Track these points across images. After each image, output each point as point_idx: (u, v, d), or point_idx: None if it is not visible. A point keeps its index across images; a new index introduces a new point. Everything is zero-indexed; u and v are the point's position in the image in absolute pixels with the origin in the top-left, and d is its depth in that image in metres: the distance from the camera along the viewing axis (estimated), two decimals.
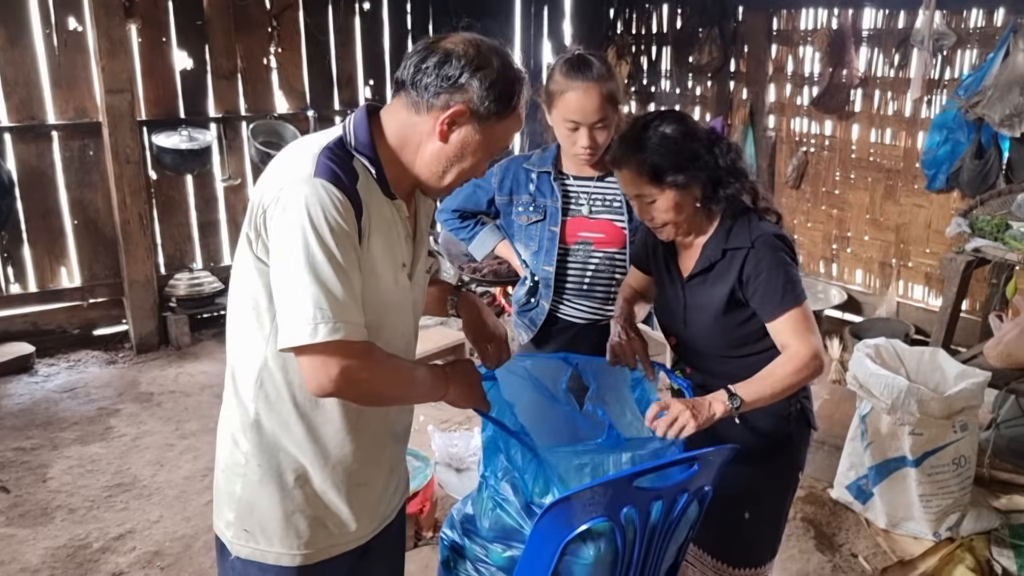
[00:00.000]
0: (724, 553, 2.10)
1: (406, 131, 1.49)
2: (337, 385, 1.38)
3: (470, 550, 1.82)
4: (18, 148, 4.85)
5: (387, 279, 1.50)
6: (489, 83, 1.44)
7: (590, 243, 2.43)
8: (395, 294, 1.54)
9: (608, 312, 2.47)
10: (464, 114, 1.45)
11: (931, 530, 3.08)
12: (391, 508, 1.76)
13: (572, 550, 1.64)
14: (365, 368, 1.40)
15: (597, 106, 2.25)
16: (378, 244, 1.47)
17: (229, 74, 5.42)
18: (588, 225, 2.44)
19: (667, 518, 1.70)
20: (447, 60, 1.44)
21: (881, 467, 3.15)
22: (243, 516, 1.58)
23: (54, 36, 4.81)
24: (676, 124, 1.87)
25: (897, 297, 5.16)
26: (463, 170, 1.52)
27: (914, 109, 4.93)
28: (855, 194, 5.36)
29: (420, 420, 4.15)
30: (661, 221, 1.91)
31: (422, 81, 1.44)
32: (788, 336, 1.86)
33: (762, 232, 1.90)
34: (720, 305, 1.93)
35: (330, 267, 1.34)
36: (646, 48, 6.61)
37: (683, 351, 2.10)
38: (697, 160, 1.86)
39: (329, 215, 1.35)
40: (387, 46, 6.04)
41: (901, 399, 2.98)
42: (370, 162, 1.47)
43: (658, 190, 1.86)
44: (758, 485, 2.03)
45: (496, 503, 1.75)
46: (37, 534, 3.18)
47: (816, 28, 5.35)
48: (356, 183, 1.42)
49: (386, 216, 1.49)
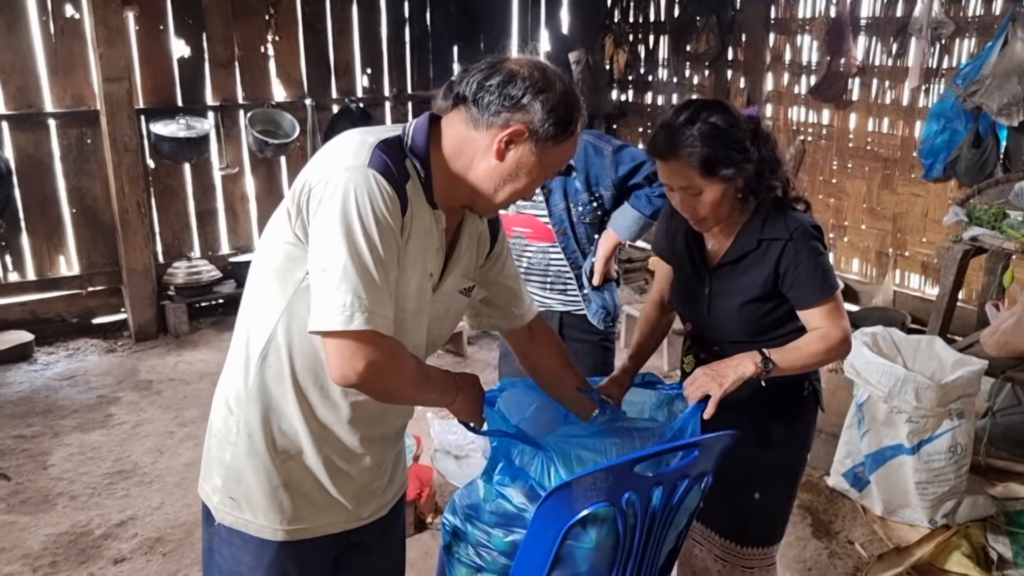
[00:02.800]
0: (733, 533, 2.12)
1: (463, 145, 1.50)
2: (362, 377, 1.39)
3: (472, 535, 1.83)
4: (15, 136, 4.84)
5: (412, 284, 1.51)
6: (551, 107, 1.45)
7: (523, 238, 2.50)
8: (414, 300, 1.54)
9: (546, 299, 2.57)
10: (523, 134, 1.46)
11: (927, 517, 3.11)
12: (382, 503, 1.75)
13: (574, 535, 1.65)
14: (392, 365, 1.42)
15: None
16: (414, 247, 1.48)
17: (227, 62, 5.41)
18: (516, 220, 2.51)
19: (668, 504, 1.71)
20: (511, 80, 1.45)
21: (877, 455, 3.17)
22: (230, 484, 1.60)
23: (51, 23, 4.79)
24: (723, 114, 1.84)
25: (894, 286, 5.18)
26: (516, 190, 1.52)
27: (912, 98, 4.94)
28: (852, 183, 5.37)
29: (417, 408, 4.17)
30: (703, 214, 1.88)
31: (484, 99, 1.46)
32: (822, 320, 1.90)
33: (799, 223, 1.91)
34: (751, 294, 1.94)
35: (371, 257, 1.35)
36: (643, 37, 6.60)
37: (699, 337, 2.10)
38: (745, 152, 1.84)
39: (377, 206, 1.36)
40: (384, 35, 6.03)
41: (898, 387, 3.00)
42: (422, 166, 1.49)
43: (707, 182, 1.83)
44: (769, 465, 2.06)
45: (499, 494, 1.77)
46: (38, 521, 3.19)
47: (814, 16, 5.35)
48: (406, 182, 1.45)
49: (425, 222, 1.50)
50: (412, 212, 1.46)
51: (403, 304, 1.50)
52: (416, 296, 1.54)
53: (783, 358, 1.83)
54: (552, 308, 2.59)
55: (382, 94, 6.13)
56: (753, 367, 1.79)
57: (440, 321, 1.68)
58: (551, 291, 2.55)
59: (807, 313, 1.91)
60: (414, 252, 1.49)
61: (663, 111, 2.20)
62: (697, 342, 2.11)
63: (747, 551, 2.12)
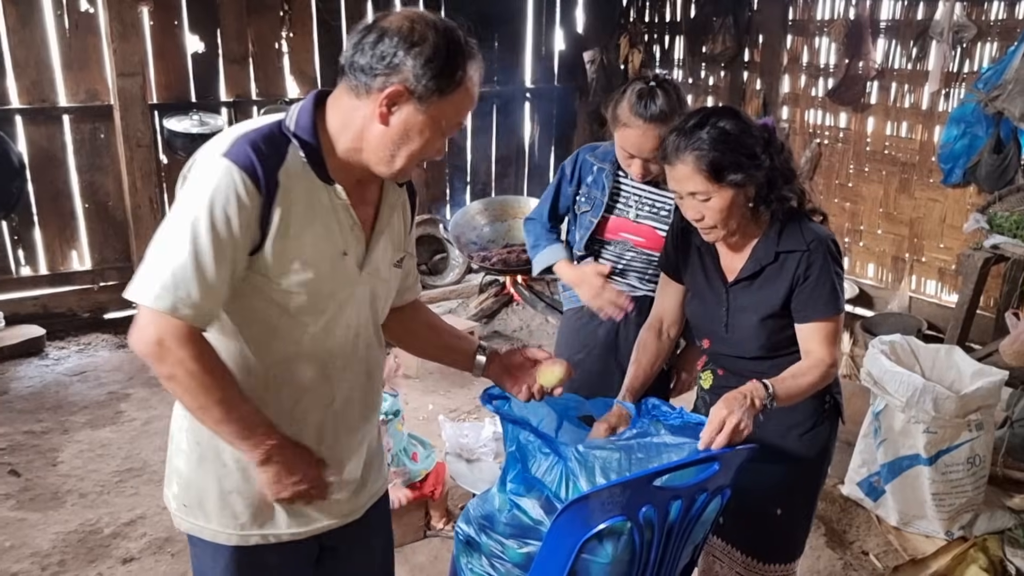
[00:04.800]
0: (755, 549, 2.09)
1: (349, 116, 1.44)
2: (149, 352, 1.37)
3: (485, 546, 1.81)
4: (29, 130, 4.83)
5: (322, 266, 1.47)
6: (425, 60, 1.36)
7: (629, 243, 2.46)
8: (330, 283, 1.49)
9: (637, 289, 2.49)
10: (402, 94, 1.38)
11: (943, 529, 3.07)
12: (352, 508, 1.71)
13: (589, 549, 1.63)
14: (182, 358, 1.36)
15: (653, 146, 2.24)
16: (308, 229, 1.44)
17: (240, 58, 5.39)
18: (631, 227, 2.46)
19: (685, 518, 1.69)
20: (381, 39, 1.37)
21: (894, 464, 3.13)
22: (184, 490, 1.61)
23: (65, 17, 4.78)
24: (734, 120, 1.82)
25: (910, 292, 5.13)
26: (412, 152, 1.45)
27: (931, 102, 4.88)
28: (869, 187, 5.32)
29: (429, 409, 4.15)
30: (712, 221, 1.85)
31: (359, 63, 1.39)
32: (816, 342, 1.86)
33: (816, 235, 1.88)
34: (770, 308, 1.90)
35: (207, 245, 1.34)
36: (659, 37, 6.56)
37: (718, 354, 2.06)
38: (755, 159, 1.81)
39: (221, 197, 1.35)
40: None
41: (916, 397, 2.96)
42: (305, 146, 1.44)
43: (715, 188, 1.80)
44: (791, 481, 2.03)
45: (513, 504, 1.74)
46: (48, 518, 3.18)
47: (833, 18, 5.29)
48: (279, 168, 1.40)
49: (322, 202, 1.46)
50: (292, 198, 1.42)
51: (321, 289, 1.48)
52: (331, 278, 1.49)
53: (785, 388, 1.77)
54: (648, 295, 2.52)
55: None
56: (760, 403, 1.72)
57: (383, 297, 1.66)
58: (650, 281, 2.49)
59: (806, 328, 1.88)
60: (314, 234, 1.45)
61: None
62: (714, 358, 2.08)
63: (769, 568, 2.09)
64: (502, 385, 1.85)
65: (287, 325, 1.49)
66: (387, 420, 2.89)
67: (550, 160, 7.02)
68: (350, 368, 1.60)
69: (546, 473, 1.72)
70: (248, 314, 1.47)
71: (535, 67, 6.70)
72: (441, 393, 4.39)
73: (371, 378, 1.68)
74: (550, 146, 6.98)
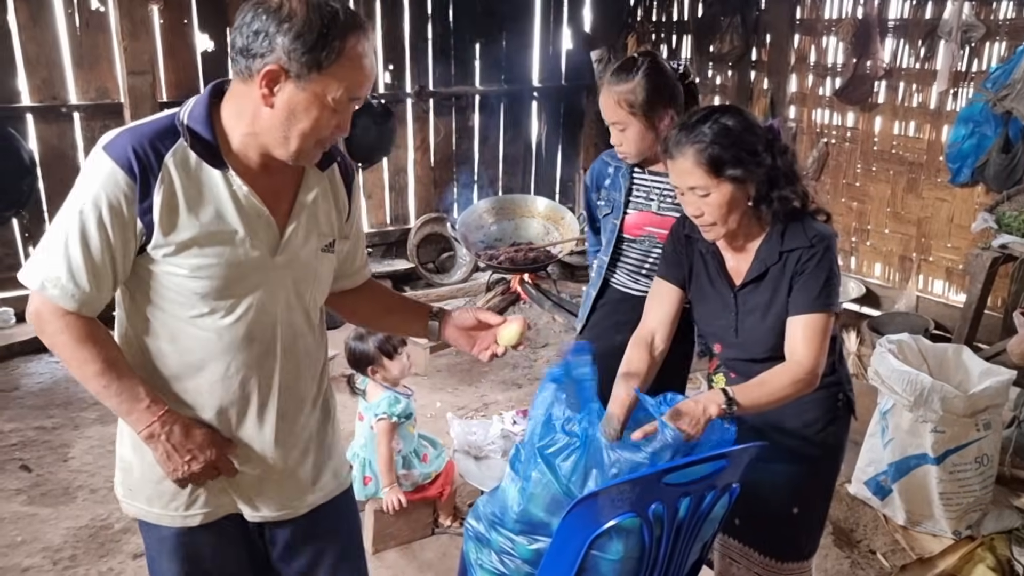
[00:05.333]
0: (773, 549, 2.09)
1: (239, 102, 1.45)
2: (32, 322, 1.49)
3: (495, 542, 1.83)
4: (40, 128, 4.87)
5: (223, 251, 1.48)
6: (295, 35, 1.34)
7: (655, 237, 2.45)
8: (240, 268, 1.50)
9: None
10: (279, 74, 1.36)
11: (951, 528, 3.07)
12: (293, 505, 1.71)
13: (599, 545, 1.64)
14: (57, 329, 1.47)
15: (611, 108, 2.31)
16: (199, 214, 1.46)
17: None
18: (655, 221, 2.44)
19: (695, 514, 1.70)
20: (255, 18, 1.36)
21: (901, 464, 3.13)
22: (127, 475, 1.66)
23: (76, 16, 4.81)
24: (736, 117, 1.85)
25: (917, 291, 5.12)
26: (304, 133, 1.43)
27: (940, 102, 4.87)
28: (876, 187, 5.32)
29: (437, 406, 4.17)
30: (711, 218, 1.86)
31: (238, 45, 1.39)
32: (800, 340, 1.85)
33: (818, 232, 1.89)
34: (779, 308, 1.90)
35: (75, 233, 1.41)
36: (666, 36, 6.55)
37: (729, 358, 2.06)
38: (756, 156, 1.83)
39: (93, 188, 1.41)
40: (407, 30, 6.01)
41: (924, 396, 2.96)
42: (193, 135, 1.45)
43: (714, 183, 1.82)
44: (807, 479, 2.04)
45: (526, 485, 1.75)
46: (59, 513, 3.20)
47: (841, 18, 5.28)
48: (164, 157, 1.43)
49: (216, 188, 1.47)
50: (181, 183, 1.44)
51: (228, 274, 1.49)
52: (235, 264, 1.50)
53: (748, 397, 1.77)
54: None
55: (404, 91, 6.12)
56: (716, 409, 1.73)
57: (308, 283, 1.63)
58: None
59: (794, 321, 1.87)
60: (200, 220, 1.46)
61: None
62: (726, 362, 2.08)
63: (787, 566, 2.10)
64: (460, 347, 1.85)
65: (201, 310, 1.51)
66: (399, 422, 2.90)
67: (557, 159, 7.03)
68: (272, 355, 1.60)
69: (562, 462, 1.71)
70: (164, 301, 1.51)
71: (543, 66, 6.71)
72: (449, 390, 4.40)
73: (301, 367, 1.66)
74: (558, 145, 6.99)
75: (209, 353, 1.54)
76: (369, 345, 2.92)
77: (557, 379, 1.81)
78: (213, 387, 1.56)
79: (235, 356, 1.55)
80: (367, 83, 1.44)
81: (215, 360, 1.54)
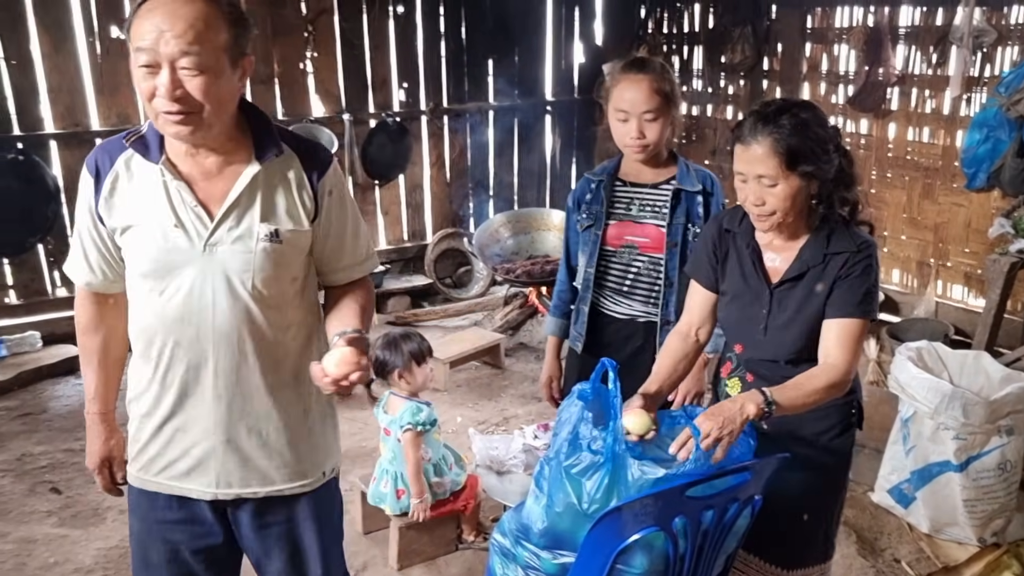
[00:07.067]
0: (792, 559, 2.11)
1: None
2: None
3: (521, 557, 1.85)
4: (63, 154, 4.95)
5: (155, 235, 1.63)
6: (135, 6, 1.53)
7: (635, 247, 2.50)
8: (170, 253, 1.64)
9: (648, 312, 2.53)
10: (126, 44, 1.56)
11: (976, 536, 3.06)
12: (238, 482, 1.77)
13: (623, 559, 1.67)
14: (76, 312, 1.84)
15: (646, 96, 2.33)
16: (134, 201, 1.65)
17: (266, 79, 5.50)
18: (634, 229, 2.50)
19: (718, 527, 1.72)
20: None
21: (924, 471, 3.13)
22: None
23: (97, 43, 4.90)
24: (812, 113, 1.88)
25: (935, 297, 5.11)
26: (144, 95, 1.53)
27: (953, 107, 4.87)
28: (892, 193, 5.31)
29: (458, 421, 4.20)
30: (771, 208, 1.87)
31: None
32: (837, 344, 1.88)
33: (865, 239, 1.93)
34: (812, 307, 1.92)
35: (76, 226, 1.73)
36: (678, 47, 6.58)
37: (751, 359, 2.07)
38: (827, 154, 1.85)
39: (81, 192, 1.69)
40: (420, 50, 6.08)
41: (945, 403, 2.96)
42: (135, 135, 1.66)
43: (784, 174, 1.83)
44: (820, 486, 2.06)
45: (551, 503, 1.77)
46: (89, 535, 3.26)
47: (852, 26, 5.30)
48: (118, 157, 1.66)
49: (151, 180, 1.64)
50: (125, 175, 1.65)
51: (153, 255, 1.65)
52: (165, 248, 1.64)
53: (786, 398, 1.79)
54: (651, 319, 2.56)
55: (418, 108, 6.18)
56: (755, 409, 1.74)
57: (247, 272, 1.66)
58: (653, 305, 2.54)
59: (832, 324, 1.89)
60: (134, 205, 1.65)
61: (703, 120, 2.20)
62: (743, 364, 2.10)
63: (806, 572, 2.12)
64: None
65: (143, 291, 1.69)
66: (425, 431, 2.93)
67: (571, 172, 7.07)
68: (206, 338, 1.68)
69: (583, 475, 1.74)
70: (129, 276, 1.72)
71: (555, 80, 6.76)
72: (469, 405, 4.43)
73: (249, 354, 1.70)
74: (571, 158, 7.04)
75: (154, 327, 1.70)
76: (403, 350, 2.97)
77: (584, 397, 1.83)
78: (162, 357, 1.71)
79: (171, 333, 1.69)
80: (148, 35, 1.47)
81: (159, 334, 1.70)
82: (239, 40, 1.56)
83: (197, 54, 1.48)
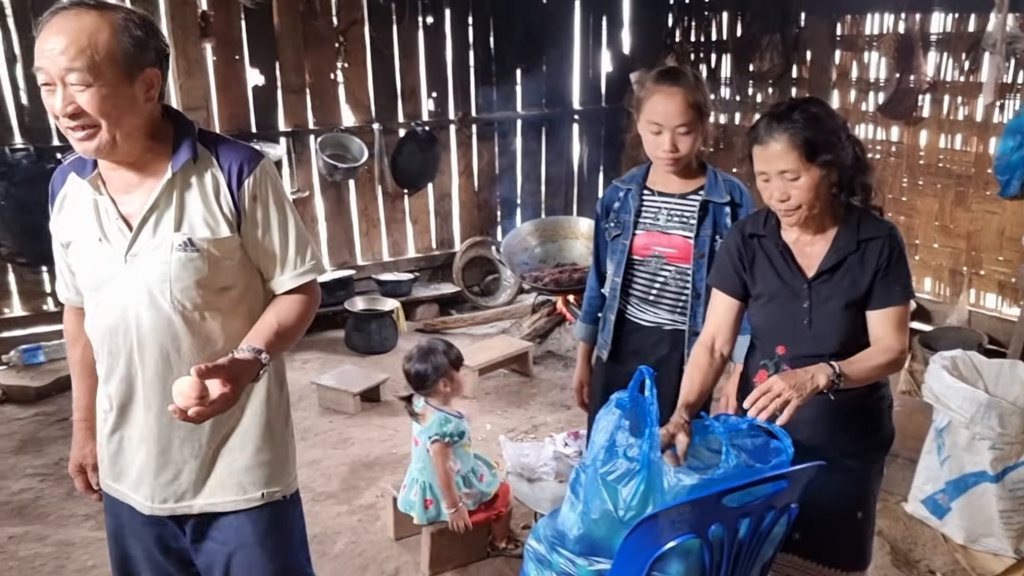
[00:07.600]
0: (851, 560, 2.12)
1: None
2: None
3: (556, 563, 1.86)
4: None
5: (86, 248, 1.71)
6: None
7: (662, 257, 2.51)
8: (96, 264, 1.70)
9: (674, 320, 2.54)
10: None
11: (1012, 547, 3.02)
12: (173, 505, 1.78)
13: (659, 566, 1.67)
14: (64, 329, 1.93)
15: (681, 110, 2.33)
16: (70, 216, 1.73)
17: (298, 89, 5.57)
18: (663, 239, 2.51)
19: (754, 535, 1.72)
20: None
21: (959, 482, 3.10)
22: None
23: None
24: (820, 106, 1.96)
25: (968, 306, 5.05)
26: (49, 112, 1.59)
27: (986, 114, 4.83)
28: (924, 201, 5.27)
29: (487, 429, 4.22)
30: (797, 201, 1.92)
31: None
32: (890, 328, 1.94)
33: (891, 224, 2.00)
34: (855, 295, 1.96)
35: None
36: (706, 56, 6.58)
37: (796, 355, 2.03)
38: (841, 141, 1.92)
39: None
40: (450, 59, 6.14)
41: (980, 413, 2.93)
42: (73, 157, 1.71)
43: (805, 166, 1.89)
44: (868, 481, 2.10)
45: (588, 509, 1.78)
46: None
47: (882, 33, 5.27)
48: (68, 174, 1.73)
49: (84, 196, 1.70)
50: (69, 194, 1.73)
51: (85, 267, 1.73)
52: (92, 260, 1.71)
53: (853, 370, 1.85)
54: (678, 327, 2.57)
55: (447, 117, 6.24)
56: (826, 379, 1.79)
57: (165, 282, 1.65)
58: (680, 313, 2.54)
59: (881, 313, 1.95)
60: (70, 220, 1.73)
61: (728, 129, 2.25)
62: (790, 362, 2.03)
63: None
64: None
65: (89, 304, 1.77)
66: (452, 442, 2.95)
67: (599, 180, 7.08)
68: (134, 350, 1.71)
69: (622, 482, 1.75)
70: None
71: (583, 89, 6.79)
72: (499, 413, 4.45)
73: (171, 365, 1.69)
74: (599, 166, 7.06)
75: (96, 338, 1.77)
76: (440, 358, 3.00)
77: (622, 405, 1.85)
78: (104, 367, 1.78)
79: (106, 344, 1.74)
80: (41, 54, 1.49)
81: (98, 342, 1.77)
82: (137, 52, 1.53)
83: (80, 69, 1.47)
